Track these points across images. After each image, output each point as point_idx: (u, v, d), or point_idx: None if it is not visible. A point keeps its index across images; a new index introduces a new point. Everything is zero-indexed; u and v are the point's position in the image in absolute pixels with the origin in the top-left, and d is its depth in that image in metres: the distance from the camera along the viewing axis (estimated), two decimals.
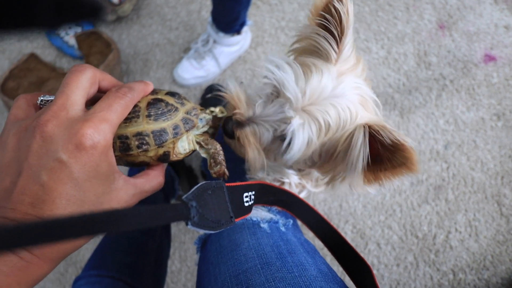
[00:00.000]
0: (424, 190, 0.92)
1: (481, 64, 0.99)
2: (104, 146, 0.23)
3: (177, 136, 0.28)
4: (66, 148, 0.22)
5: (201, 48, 0.98)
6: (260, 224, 0.38)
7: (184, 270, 0.92)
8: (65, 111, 0.23)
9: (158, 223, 0.20)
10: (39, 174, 0.22)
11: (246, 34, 0.99)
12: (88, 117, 0.23)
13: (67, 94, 0.24)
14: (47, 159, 0.22)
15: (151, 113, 0.28)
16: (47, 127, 0.23)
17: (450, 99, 0.97)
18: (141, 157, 0.28)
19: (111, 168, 0.24)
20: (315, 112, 0.34)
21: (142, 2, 1.15)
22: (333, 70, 0.37)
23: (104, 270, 0.52)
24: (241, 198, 0.31)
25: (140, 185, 0.27)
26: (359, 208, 0.92)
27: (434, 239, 0.88)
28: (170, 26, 1.11)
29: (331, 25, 0.38)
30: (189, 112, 0.30)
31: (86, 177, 0.23)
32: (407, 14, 1.06)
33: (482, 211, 0.89)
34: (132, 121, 0.27)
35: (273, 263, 0.32)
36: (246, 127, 0.38)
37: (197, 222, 0.24)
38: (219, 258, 0.35)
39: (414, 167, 0.30)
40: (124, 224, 0.18)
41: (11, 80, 0.99)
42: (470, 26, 1.03)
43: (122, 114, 0.25)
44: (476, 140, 0.94)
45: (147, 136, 0.27)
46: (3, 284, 0.20)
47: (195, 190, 0.25)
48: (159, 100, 0.29)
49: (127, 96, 0.26)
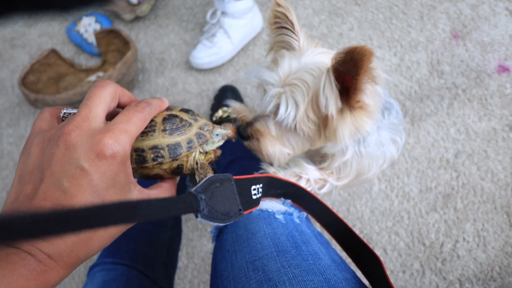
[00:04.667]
0: (432, 198, 0.92)
1: (495, 75, 0.99)
2: (123, 156, 0.25)
3: (191, 149, 0.30)
4: (87, 156, 0.23)
5: (210, 22, 0.99)
6: (276, 215, 0.39)
7: (191, 267, 0.93)
8: (88, 122, 0.25)
9: (168, 215, 0.20)
10: (61, 181, 0.23)
11: (254, 7, 1.00)
12: (109, 128, 0.25)
13: (90, 107, 0.25)
14: (69, 167, 0.23)
15: (166, 128, 0.29)
16: (71, 136, 0.24)
17: (462, 108, 0.97)
18: (156, 170, 0.29)
19: (128, 178, 0.26)
20: (291, 81, 0.42)
21: (160, 3, 1.18)
22: (298, 53, 0.45)
23: (118, 258, 0.54)
24: (249, 191, 0.32)
25: (154, 196, 0.28)
26: (366, 213, 0.93)
27: (442, 248, 0.88)
28: (186, 27, 1.14)
29: (283, 22, 0.48)
30: (202, 128, 0.31)
31: (105, 185, 0.24)
32: (421, 22, 1.06)
33: (491, 222, 0.89)
34: (148, 135, 0.29)
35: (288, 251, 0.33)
36: (254, 124, 0.46)
37: (207, 215, 0.24)
38: (235, 246, 0.36)
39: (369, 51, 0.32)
40: (136, 215, 0.18)
41: (31, 74, 1.02)
42: (484, 37, 1.03)
43: (140, 127, 0.27)
44: (487, 150, 0.93)
45: (162, 150, 0.28)
46: (24, 285, 0.21)
47: (203, 182, 0.25)
48: (174, 116, 0.30)
49: (145, 110, 0.27)
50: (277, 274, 0.31)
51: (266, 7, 1.12)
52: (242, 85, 1.05)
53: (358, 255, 0.39)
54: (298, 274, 0.30)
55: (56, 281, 0.23)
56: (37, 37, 1.22)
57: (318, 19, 1.10)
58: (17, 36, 1.23)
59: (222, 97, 0.98)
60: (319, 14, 1.11)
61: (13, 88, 1.16)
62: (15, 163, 1.09)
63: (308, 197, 0.42)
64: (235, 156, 0.72)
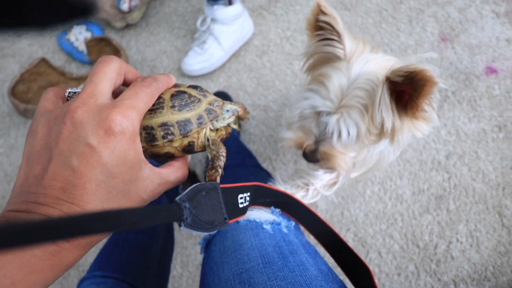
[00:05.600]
0: (425, 199, 0.92)
1: (483, 76, 1.01)
2: (132, 133, 0.24)
3: (201, 126, 0.29)
4: (96, 133, 0.23)
5: (201, 29, 1.00)
6: (263, 226, 0.38)
7: (186, 275, 0.92)
8: (94, 99, 0.24)
9: (152, 223, 0.20)
10: (70, 159, 0.22)
11: (243, 13, 1.00)
12: (116, 104, 0.24)
13: (95, 83, 0.24)
14: (77, 144, 0.23)
15: (175, 104, 0.28)
16: (77, 113, 0.23)
17: (452, 110, 0.98)
18: (166, 148, 0.28)
19: (138, 156, 0.25)
20: (346, 103, 0.42)
21: (151, 10, 1.18)
22: (343, 64, 0.44)
23: (108, 271, 0.53)
24: (235, 200, 0.31)
25: (166, 175, 0.27)
26: (360, 216, 0.93)
27: (435, 249, 0.89)
28: (177, 34, 1.14)
29: (327, 33, 0.45)
30: (211, 103, 0.30)
31: (115, 163, 0.23)
32: (410, 26, 1.08)
33: (483, 222, 0.89)
34: (157, 112, 0.28)
35: (275, 263, 0.33)
36: (320, 148, 0.48)
37: (190, 223, 0.24)
38: (222, 258, 0.36)
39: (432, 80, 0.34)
40: (119, 224, 0.18)
41: (21, 83, 1.02)
42: (472, 39, 1.05)
43: (148, 103, 0.26)
44: (478, 151, 0.94)
45: (172, 127, 0.28)
46: (37, 268, 0.20)
47: (189, 191, 0.25)
48: (182, 92, 0.29)
49: (153, 85, 0.26)
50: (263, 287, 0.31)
51: (257, 13, 1.13)
52: (235, 91, 1.05)
53: (348, 264, 0.39)
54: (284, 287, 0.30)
55: (70, 262, 0.22)
56: (27, 46, 1.21)
57: None
58: (7, 45, 1.22)
59: None
60: None
61: (3, 97, 1.15)
62: (5, 173, 1.07)
63: (297, 206, 0.41)
64: (227, 163, 0.71)
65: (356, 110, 0.42)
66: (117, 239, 0.62)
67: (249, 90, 1.05)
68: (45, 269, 0.20)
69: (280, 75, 1.06)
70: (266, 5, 1.14)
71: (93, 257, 0.97)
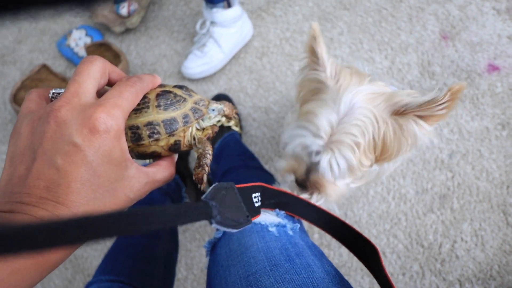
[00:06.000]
0: (429, 199, 0.92)
1: (485, 74, 1.00)
2: (117, 131, 0.24)
3: (187, 124, 0.29)
4: (80, 132, 0.22)
5: (200, 32, 1.00)
6: (269, 228, 0.38)
7: (190, 278, 0.92)
8: (78, 98, 0.24)
9: (183, 222, 0.20)
10: (54, 158, 0.22)
11: (243, 15, 1.00)
12: (101, 103, 0.24)
13: (79, 82, 0.24)
14: (62, 143, 0.22)
15: (160, 104, 0.28)
16: (61, 112, 0.23)
17: (454, 109, 0.98)
18: (153, 147, 0.28)
19: (124, 155, 0.25)
20: (337, 139, 0.43)
21: (150, 14, 1.18)
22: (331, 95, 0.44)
23: (114, 275, 0.53)
24: (251, 199, 0.32)
25: (152, 174, 0.27)
26: (364, 216, 0.93)
27: (440, 248, 0.88)
28: (177, 38, 1.14)
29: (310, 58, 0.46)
30: (197, 103, 0.30)
31: (100, 161, 0.23)
32: (410, 24, 1.07)
33: (488, 221, 0.89)
34: (142, 112, 0.28)
35: (281, 265, 0.33)
36: (311, 178, 0.49)
37: (220, 221, 0.24)
38: (229, 261, 0.36)
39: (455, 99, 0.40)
40: (151, 223, 0.18)
41: (22, 90, 1.02)
42: (473, 37, 1.04)
43: (133, 102, 0.26)
44: (481, 150, 0.94)
45: (157, 126, 0.28)
46: (21, 267, 0.20)
47: (212, 190, 0.25)
48: (168, 92, 0.29)
49: (137, 84, 0.26)
50: None
51: (256, 14, 1.13)
52: (235, 93, 1.05)
53: (358, 249, 0.39)
54: None
55: (56, 261, 0.22)
56: (28, 52, 1.21)
57: (308, 24, 1.11)
58: (7, 52, 1.23)
59: None
60: (309, 20, 1.11)
61: (5, 104, 1.15)
62: None
63: (299, 204, 0.42)
64: (230, 166, 0.71)
65: (347, 147, 0.43)
66: (122, 243, 0.62)
67: (250, 92, 1.05)
68: (29, 268, 0.20)
69: (281, 77, 1.05)
70: (265, 6, 1.14)
71: (98, 261, 0.97)
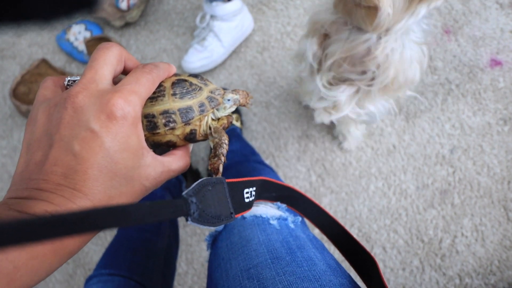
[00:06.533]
0: (430, 194, 0.92)
1: (487, 69, 0.99)
2: (134, 118, 0.23)
3: (203, 113, 0.29)
4: (97, 118, 0.22)
5: (200, 26, 0.99)
6: (270, 221, 0.38)
7: (191, 273, 0.93)
8: (95, 84, 0.24)
9: (159, 219, 0.20)
10: (71, 145, 0.22)
11: (243, 9, 1.00)
12: (118, 89, 0.24)
13: (96, 69, 0.24)
14: (79, 129, 0.22)
15: (176, 92, 0.28)
16: (78, 98, 0.23)
17: (456, 104, 0.97)
18: (168, 136, 0.28)
19: (140, 143, 0.24)
20: None
21: (150, 9, 1.17)
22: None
23: (115, 269, 0.53)
24: (241, 194, 0.31)
25: (168, 164, 0.27)
26: (364, 212, 0.93)
27: (440, 244, 0.88)
28: (177, 32, 1.13)
29: None
30: (213, 92, 0.30)
31: (117, 148, 0.23)
32: None
33: (488, 216, 0.89)
34: (158, 100, 0.27)
35: (283, 258, 0.32)
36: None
37: (197, 218, 0.24)
38: (230, 254, 0.36)
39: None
40: (124, 220, 0.18)
41: (22, 85, 1.02)
42: (475, 31, 1.03)
43: (149, 89, 0.26)
44: (482, 145, 0.94)
45: (173, 114, 0.27)
46: (39, 253, 0.20)
47: (195, 186, 0.25)
48: (183, 80, 0.29)
49: (154, 72, 0.26)
50: (271, 282, 0.31)
51: (257, 8, 1.12)
52: (236, 88, 1.05)
53: (355, 257, 0.39)
54: (293, 282, 0.30)
55: (74, 248, 0.22)
56: (27, 47, 1.21)
57: None
58: (6, 47, 1.22)
59: None
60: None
61: (5, 99, 1.15)
62: (9, 175, 1.08)
63: (302, 200, 0.42)
64: (231, 161, 0.71)
65: None
66: (123, 237, 0.62)
67: (251, 87, 1.05)
68: (47, 255, 0.20)
69: (282, 71, 1.05)
70: (265, 0, 1.13)
71: (99, 256, 0.98)
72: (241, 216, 0.38)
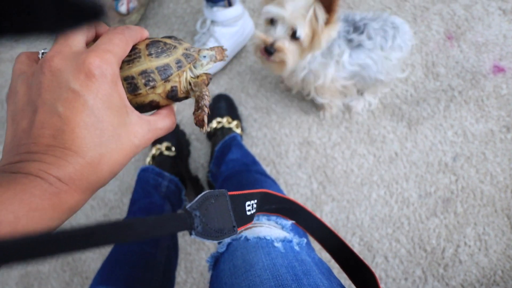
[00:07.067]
0: (432, 202, 0.91)
1: (490, 75, 0.98)
2: (112, 75, 0.24)
3: (181, 69, 0.29)
4: (77, 77, 0.23)
5: (201, 31, 0.99)
6: (274, 243, 0.37)
7: (190, 282, 0.91)
8: (68, 47, 0.24)
9: (163, 233, 0.20)
10: (55, 106, 0.22)
11: (244, 14, 0.99)
12: (92, 49, 0.24)
13: (67, 34, 0.25)
14: (60, 91, 0.23)
15: (151, 52, 0.29)
16: (54, 62, 0.23)
17: (459, 111, 0.96)
18: (150, 96, 0.29)
19: (123, 101, 0.25)
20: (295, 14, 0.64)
21: (150, 12, 1.16)
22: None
23: (111, 285, 0.52)
24: (243, 207, 0.31)
25: (154, 122, 0.27)
26: (366, 220, 0.91)
27: (443, 253, 0.87)
28: (177, 36, 1.12)
29: None
30: (187, 49, 0.31)
31: (101, 106, 0.23)
32: (415, 24, 1.05)
33: (491, 225, 0.88)
34: (134, 62, 0.28)
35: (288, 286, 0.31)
36: (275, 44, 0.67)
37: (201, 232, 0.24)
38: (233, 279, 0.34)
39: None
40: (130, 234, 0.18)
41: None
42: (478, 37, 1.02)
43: (123, 49, 0.26)
44: (485, 153, 0.92)
45: (152, 73, 0.28)
46: (38, 206, 0.20)
47: (199, 199, 0.25)
48: (157, 41, 0.30)
49: (126, 32, 0.27)
50: None
51: (258, 13, 1.11)
52: (236, 93, 1.04)
53: (353, 270, 0.39)
54: None
55: (73, 205, 0.22)
56: (25, 50, 1.19)
57: None
58: (4, 50, 1.21)
59: (216, 107, 0.96)
60: None
61: (2, 103, 1.13)
62: None
63: (303, 212, 0.41)
64: (231, 171, 0.70)
65: (301, 19, 0.64)
66: (120, 250, 0.61)
67: (251, 93, 1.03)
68: (47, 208, 0.21)
69: None
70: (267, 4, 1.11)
71: (96, 264, 0.96)
72: (245, 237, 0.37)
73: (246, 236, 0.37)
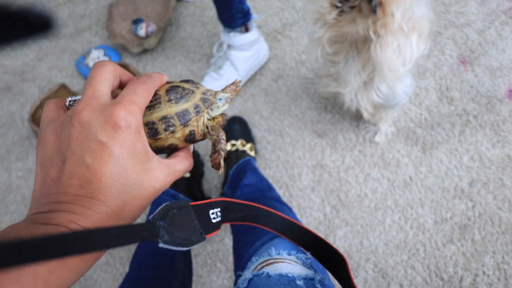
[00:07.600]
0: (448, 229, 0.89)
1: (505, 100, 0.98)
2: (137, 126, 0.25)
3: (199, 114, 0.31)
4: (104, 130, 0.24)
5: (217, 55, 1.01)
6: (296, 281, 0.37)
7: None
8: (96, 100, 0.25)
9: (128, 243, 0.20)
10: (83, 157, 0.24)
11: (259, 39, 1.01)
12: (118, 101, 0.25)
13: (95, 86, 0.26)
14: (88, 143, 0.24)
15: (171, 98, 0.30)
16: (83, 114, 0.25)
17: (474, 135, 0.96)
18: (170, 140, 0.30)
19: (145, 148, 0.26)
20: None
21: (167, 35, 1.20)
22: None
23: None
24: (207, 215, 0.32)
25: (173, 165, 0.28)
26: (380, 246, 0.90)
27: (461, 282, 0.85)
28: (193, 58, 1.15)
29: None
30: (205, 93, 0.32)
31: (126, 155, 0.24)
32: (428, 49, 1.06)
33: (511, 254, 0.85)
34: (155, 108, 0.30)
35: None
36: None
37: (168, 240, 0.24)
38: None
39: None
40: (94, 245, 0.18)
41: (41, 109, 1.04)
42: (492, 61, 1.02)
43: (146, 98, 0.27)
44: (503, 178, 0.91)
45: (172, 119, 0.29)
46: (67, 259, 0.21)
47: (160, 210, 0.26)
48: (176, 87, 0.31)
49: (148, 82, 0.28)
50: None
51: (272, 36, 1.14)
52: (250, 115, 1.05)
53: (327, 258, 0.39)
54: None
55: (98, 255, 0.24)
56: (47, 70, 1.24)
57: None
58: (27, 70, 1.26)
59: (230, 129, 0.98)
60: None
61: (23, 121, 1.17)
62: (23, 197, 1.09)
63: (268, 216, 0.41)
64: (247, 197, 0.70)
65: None
66: (136, 276, 0.61)
67: (265, 115, 1.05)
68: (76, 260, 0.22)
69: (296, 99, 1.05)
70: (281, 29, 1.14)
71: (107, 284, 0.96)
72: (267, 273, 0.37)
73: (268, 272, 0.37)
